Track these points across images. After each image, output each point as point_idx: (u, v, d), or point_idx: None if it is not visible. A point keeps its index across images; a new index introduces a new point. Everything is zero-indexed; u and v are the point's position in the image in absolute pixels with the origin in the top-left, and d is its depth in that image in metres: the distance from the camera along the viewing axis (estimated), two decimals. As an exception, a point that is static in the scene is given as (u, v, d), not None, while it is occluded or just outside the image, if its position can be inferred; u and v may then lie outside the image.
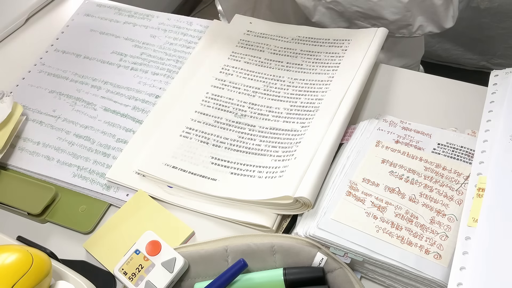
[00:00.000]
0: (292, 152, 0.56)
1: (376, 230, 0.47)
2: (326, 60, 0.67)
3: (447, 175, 0.51)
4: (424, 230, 0.47)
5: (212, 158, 0.58)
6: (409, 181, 0.51)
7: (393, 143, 0.55)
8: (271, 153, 0.58)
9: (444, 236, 0.47)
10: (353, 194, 0.50)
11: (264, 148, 0.58)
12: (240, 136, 0.60)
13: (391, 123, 0.57)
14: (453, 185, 0.50)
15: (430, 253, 0.45)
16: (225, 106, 0.63)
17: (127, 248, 0.50)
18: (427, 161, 0.52)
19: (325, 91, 0.62)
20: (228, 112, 0.63)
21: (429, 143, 0.54)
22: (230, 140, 0.60)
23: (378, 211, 0.49)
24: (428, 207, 0.49)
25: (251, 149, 0.59)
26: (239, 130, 0.61)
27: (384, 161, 0.53)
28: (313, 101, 0.62)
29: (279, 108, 0.62)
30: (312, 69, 0.66)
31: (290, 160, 0.55)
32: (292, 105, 0.62)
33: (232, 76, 0.67)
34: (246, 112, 0.63)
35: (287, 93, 0.64)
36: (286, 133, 0.59)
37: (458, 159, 0.52)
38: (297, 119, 0.60)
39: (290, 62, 0.68)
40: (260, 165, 0.56)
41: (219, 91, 0.65)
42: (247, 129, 0.61)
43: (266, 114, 0.62)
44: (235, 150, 0.59)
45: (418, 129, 0.56)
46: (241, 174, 0.56)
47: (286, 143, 0.58)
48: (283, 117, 0.61)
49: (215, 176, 0.56)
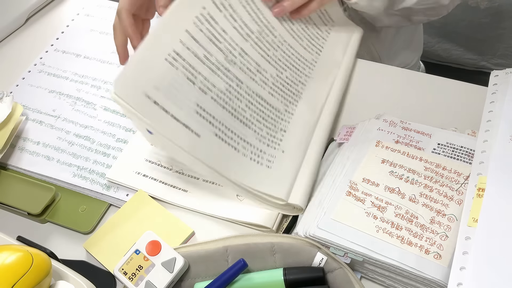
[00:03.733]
0: (277, 140, 0.55)
1: (376, 230, 0.47)
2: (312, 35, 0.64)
3: (447, 175, 0.51)
4: (424, 230, 0.47)
5: (198, 107, 0.49)
6: (409, 181, 0.51)
7: (393, 143, 0.55)
8: (255, 128, 0.53)
9: (444, 236, 0.47)
10: (353, 194, 0.50)
11: (249, 118, 0.53)
12: (227, 89, 0.52)
13: (391, 123, 0.57)
14: (453, 185, 0.50)
15: (430, 253, 0.45)
16: (217, 38, 0.53)
17: (127, 248, 0.50)
18: (427, 161, 0.52)
19: (307, 75, 0.61)
20: (219, 50, 0.53)
21: (429, 143, 0.54)
22: (217, 89, 0.51)
23: (378, 211, 0.49)
24: (428, 207, 0.49)
25: (236, 112, 0.52)
26: (227, 81, 0.53)
27: (384, 161, 0.53)
28: (296, 84, 0.60)
29: (267, 71, 0.57)
30: (299, 39, 0.63)
31: (276, 150, 0.53)
32: (278, 75, 0.58)
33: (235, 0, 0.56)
34: (236, 59, 0.54)
35: (276, 54, 0.59)
36: (269, 109, 0.56)
37: (458, 159, 0.52)
38: (280, 96, 0.58)
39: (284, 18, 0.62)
40: (244, 139, 0.51)
41: (216, 13, 0.53)
42: (235, 84, 0.53)
43: (254, 73, 0.56)
44: (221, 105, 0.51)
45: (418, 129, 0.56)
46: (226, 141, 0.50)
47: (270, 123, 0.55)
48: (269, 85, 0.57)
49: (199, 131, 0.48)
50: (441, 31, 1.48)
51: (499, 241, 0.44)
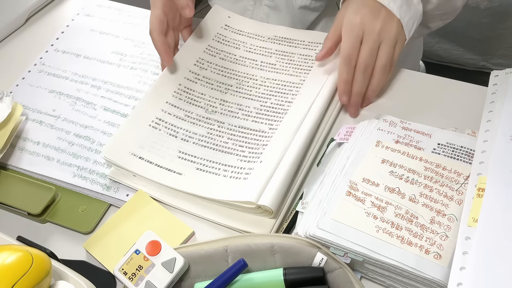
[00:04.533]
0: (258, 155, 0.57)
1: (376, 230, 0.47)
2: (299, 62, 0.67)
3: (447, 175, 0.51)
4: (424, 230, 0.47)
5: (180, 152, 0.59)
6: (409, 181, 0.51)
7: (393, 143, 0.55)
8: (238, 152, 0.58)
9: (444, 236, 0.47)
10: (353, 194, 0.50)
11: (231, 146, 0.59)
12: (209, 132, 0.61)
13: (391, 123, 0.57)
14: (453, 185, 0.50)
15: (430, 253, 0.45)
16: (196, 100, 0.64)
17: (127, 248, 0.50)
18: (427, 161, 0.52)
19: (295, 94, 0.63)
20: (199, 107, 0.63)
21: (429, 143, 0.54)
22: (199, 135, 0.60)
23: (378, 211, 0.49)
24: (428, 207, 0.49)
25: (218, 146, 0.59)
26: (209, 126, 0.61)
27: (384, 161, 0.53)
28: (283, 103, 0.62)
29: (249, 106, 0.63)
30: (285, 70, 0.67)
31: (256, 162, 0.56)
32: (262, 105, 0.63)
33: (206, 71, 0.67)
34: (216, 109, 0.63)
35: (258, 92, 0.65)
36: (253, 133, 0.60)
37: (458, 159, 0.52)
38: (265, 119, 0.61)
39: (264, 62, 0.68)
40: (226, 164, 0.57)
41: (192, 85, 0.65)
42: (216, 126, 0.61)
43: (236, 112, 0.63)
44: (203, 146, 0.59)
45: (418, 129, 0.56)
46: (206, 171, 0.57)
47: (253, 144, 0.59)
48: (252, 116, 0.62)
49: (181, 171, 0.57)
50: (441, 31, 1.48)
51: (499, 241, 0.43)
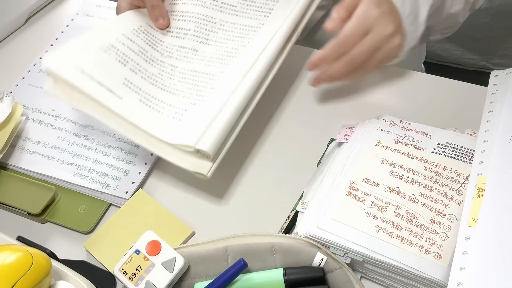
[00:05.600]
0: (203, 98, 0.56)
1: (376, 230, 0.47)
2: (260, 4, 0.65)
3: (447, 175, 0.51)
4: (424, 230, 0.47)
5: (125, 80, 0.56)
6: (409, 181, 0.51)
7: (393, 143, 0.55)
8: (185, 94, 0.57)
9: (444, 236, 0.47)
10: (353, 194, 0.50)
11: (180, 88, 0.58)
12: (159, 73, 0.59)
13: (391, 123, 0.57)
14: (453, 185, 0.50)
15: (430, 253, 0.45)
16: (154, 44, 0.62)
17: (127, 248, 0.50)
18: (427, 161, 0.52)
19: (251, 38, 0.61)
20: (156, 50, 0.61)
21: (429, 143, 0.54)
22: (149, 73, 0.59)
23: (378, 211, 0.49)
24: (428, 207, 0.49)
25: (167, 87, 0.58)
26: (161, 68, 0.60)
27: (384, 161, 0.53)
28: (237, 48, 0.61)
29: (205, 52, 0.61)
30: (245, 13, 0.64)
31: (200, 106, 0.55)
32: (217, 49, 0.61)
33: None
34: (173, 54, 0.62)
35: (216, 36, 0.63)
36: (203, 76, 0.59)
37: (458, 159, 0.52)
38: (218, 63, 0.60)
39: (225, 3, 0.65)
40: (170, 104, 0.56)
41: (151, 30, 0.63)
42: (169, 69, 0.60)
43: (191, 57, 0.61)
44: (151, 83, 0.58)
45: (418, 129, 0.56)
46: (149, 106, 0.55)
47: (201, 87, 0.58)
48: (206, 60, 0.61)
49: (122, 95, 0.54)
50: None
51: (499, 241, 0.44)
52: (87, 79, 0.54)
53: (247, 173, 0.60)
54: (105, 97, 0.53)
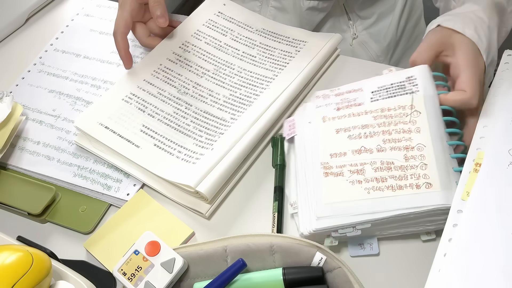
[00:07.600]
0: (212, 142, 0.59)
1: (367, 192, 0.49)
2: (278, 58, 0.68)
3: (394, 113, 0.53)
4: (405, 170, 0.49)
5: (143, 126, 0.61)
6: (368, 135, 0.53)
7: (336, 111, 0.56)
8: (196, 136, 0.60)
9: (423, 165, 0.48)
10: (330, 172, 0.52)
11: (192, 129, 0.61)
12: (175, 112, 0.63)
13: (324, 96, 0.59)
14: (404, 119, 0.52)
15: (420, 186, 0.47)
16: (172, 80, 0.66)
17: (127, 248, 0.50)
18: (372, 111, 0.54)
19: (264, 88, 0.64)
20: (173, 86, 0.66)
21: (364, 95, 0.56)
22: (165, 113, 0.63)
23: (359, 175, 0.50)
24: (396, 149, 0.50)
25: (180, 127, 0.62)
26: (176, 106, 0.64)
27: (338, 130, 0.54)
28: (250, 96, 0.64)
29: (219, 94, 0.65)
30: (262, 64, 0.68)
31: (208, 149, 0.58)
32: (231, 94, 0.65)
33: (189, 54, 0.69)
34: (189, 91, 0.65)
35: (232, 81, 0.66)
36: (215, 120, 0.62)
37: (394, 95, 0.54)
38: (230, 109, 0.63)
39: (245, 52, 0.69)
40: (182, 145, 0.59)
41: (172, 65, 0.68)
42: (184, 107, 0.64)
43: (205, 97, 0.65)
44: (166, 124, 0.62)
45: (348, 89, 0.58)
46: (162, 149, 0.59)
47: (212, 131, 0.61)
48: (219, 104, 0.64)
49: (139, 144, 0.60)
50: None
51: (489, 217, 0.44)
52: (109, 133, 0.61)
53: (247, 173, 0.60)
54: (124, 148, 0.59)
